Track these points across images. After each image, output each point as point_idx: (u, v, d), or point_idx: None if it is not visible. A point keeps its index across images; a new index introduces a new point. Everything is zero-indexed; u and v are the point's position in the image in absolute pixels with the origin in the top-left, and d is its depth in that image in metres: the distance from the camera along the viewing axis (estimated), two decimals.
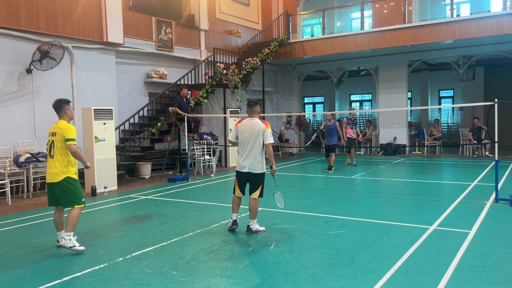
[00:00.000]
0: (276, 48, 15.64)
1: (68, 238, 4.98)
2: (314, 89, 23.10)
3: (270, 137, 5.55)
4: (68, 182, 5.06)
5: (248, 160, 5.57)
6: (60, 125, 5.13)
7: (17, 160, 8.78)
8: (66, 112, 5.23)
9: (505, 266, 4.22)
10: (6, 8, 9.07)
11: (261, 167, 5.59)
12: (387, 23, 14.72)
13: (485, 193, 7.91)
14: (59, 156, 5.06)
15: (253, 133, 5.55)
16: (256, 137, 5.53)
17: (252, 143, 5.54)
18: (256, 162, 5.54)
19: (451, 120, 20.32)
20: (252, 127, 5.57)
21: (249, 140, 5.57)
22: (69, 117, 5.28)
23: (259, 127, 5.55)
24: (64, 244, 4.98)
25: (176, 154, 12.22)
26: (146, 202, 8.09)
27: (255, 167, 5.56)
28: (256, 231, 5.64)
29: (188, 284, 3.97)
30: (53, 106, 5.24)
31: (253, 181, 5.65)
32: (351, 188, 9.26)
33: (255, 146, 5.53)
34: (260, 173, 5.59)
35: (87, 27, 10.68)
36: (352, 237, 5.35)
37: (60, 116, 5.23)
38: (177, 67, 13.72)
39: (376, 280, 3.92)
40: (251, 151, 5.55)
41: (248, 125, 5.61)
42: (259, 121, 5.63)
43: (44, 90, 9.80)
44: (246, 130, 5.60)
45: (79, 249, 4.97)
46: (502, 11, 12.82)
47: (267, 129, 5.55)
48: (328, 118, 11.75)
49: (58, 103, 5.23)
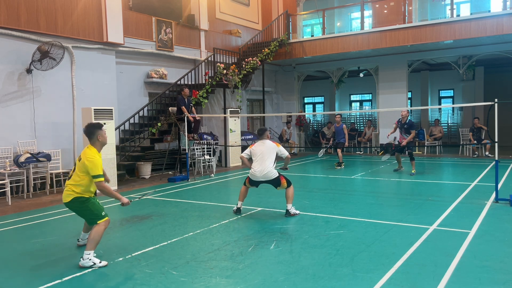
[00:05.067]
0: (276, 48, 15.64)
1: (87, 257, 4.46)
2: (314, 89, 23.09)
3: (286, 151, 6.86)
4: (78, 202, 4.63)
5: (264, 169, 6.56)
6: (87, 154, 4.58)
7: (17, 160, 8.78)
8: (98, 138, 4.67)
9: (505, 266, 4.22)
10: (6, 8, 9.07)
11: (274, 173, 6.62)
12: (387, 23, 14.73)
13: (485, 193, 7.90)
14: (73, 182, 4.61)
15: (269, 149, 6.68)
16: (271, 152, 6.66)
17: (268, 157, 6.61)
18: (270, 169, 6.59)
19: (451, 120, 20.31)
20: (267, 146, 6.73)
21: (264, 155, 6.62)
22: (102, 144, 4.72)
23: (273, 145, 6.78)
24: (83, 264, 4.45)
25: (176, 154, 12.22)
26: (146, 202, 8.09)
27: (270, 175, 6.58)
28: (294, 214, 6.60)
29: (188, 284, 3.97)
30: (84, 132, 4.75)
31: (272, 182, 6.67)
32: (351, 188, 9.26)
33: (270, 158, 6.63)
34: (275, 176, 6.62)
35: (87, 27, 10.67)
36: (352, 237, 5.34)
37: (92, 143, 4.69)
38: (177, 67, 13.72)
39: (376, 280, 3.92)
40: (265, 163, 6.57)
41: (262, 145, 6.76)
42: (270, 142, 6.82)
43: (44, 90, 9.80)
44: (260, 149, 6.68)
45: (101, 265, 4.48)
46: (502, 11, 12.81)
47: (279, 147, 6.79)
48: (337, 120, 12.62)
49: (89, 128, 4.69)
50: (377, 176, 10.72)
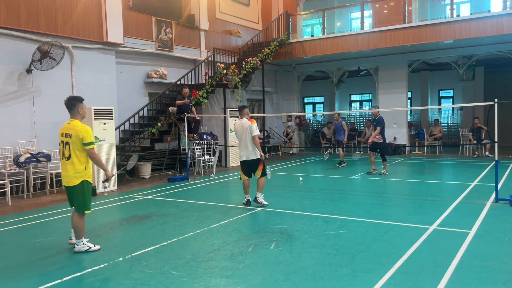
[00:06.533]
0: (276, 48, 15.64)
1: (81, 243, 4.94)
2: (314, 89, 23.10)
3: (255, 131, 7.09)
4: (85, 186, 4.92)
5: (243, 151, 7.15)
6: (75, 126, 4.88)
7: (17, 160, 8.78)
8: (79, 110, 5.01)
9: (505, 266, 4.22)
10: (6, 8, 9.07)
11: (255, 154, 7.11)
12: (387, 23, 14.73)
13: (485, 193, 7.90)
14: (77, 158, 4.84)
15: (243, 129, 7.13)
16: (245, 132, 7.09)
17: (244, 137, 7.12)
18: (249, 151, 7.09)
19: (451, 120, 20.32)
20: (242, 125, 7.18)
21: (241, 135, 7.17)
22: (82, 116, 5.06)
23: (247, 124, 7.13)
24: (79, 249, 4.92)
25: (176, 154, 12.22)
26: (146, 202, 8.09)
27: (249, 155, 7.11)
28: (260, 203, 7.18)
29: (188, 284, 3.97)
30: (65, 104, 5.02)
31: (252, 166, 7.19)
32: (351, 188, 9.25)
33: (246, 139, 7.10)
34: (255, 159, 7.13)
35: (87, 27, 10.67)
36: (352, 237, 5.34)
37: (72, 115, 5.00)
38: (177, 67, 13.72)
39: (376, 280, 3.92)
40: (243, 143, 7.14)
41: (239, 124, 7.26)
42: (247, 120, 7.20)
43: (44, 90, 9.80)
44: (239, 129, 7.22)
45: (95, 248, 4.95)
46: (502, 11, 12.82)
47: (252, 124, 7.10)
48: (335, 118, 12.72)
49: (70, 100, 4.99)
50: (377, 176, 10.72)
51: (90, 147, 4.84)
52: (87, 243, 4.98)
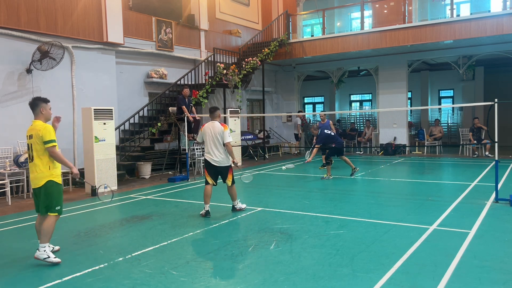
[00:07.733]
0: (276, 48, 15.63)
1: (42, 249, 4.59)
2: (314, 89, 23.10)
3: (228, 137, 6.61)
4: (49, 187, 4.72)
5: (214, 156, 6.62)
6: (35, 126, 4.73)
7: (17, 160, 8.78)
8: (41, 111, 4.81)
9: (505, 266, 4.22)
10: (6, 8, 9.07)
11: (226, 161, 6.67)
12: (387, 23, 14.72)
13: (485, 193, 7.90)
14: (39, 159, 4.70)
15: (214, 133, 6.62)
16: (216, 137, 6.60)
17: (214, 142, 6.62)
18: (221, 157, 6.62)
19: (451, 120, 20.32)
20: (213, 129, 6.65)
21: (210, 139, 6.65)
22: (45, 117, 4.84)
23: (219, 128, 6.62)
24: (38, 256, 4.58)
25: (176, 154, 12.22)
26: (146, 202, 8.09)
27: (220, 162, 6.64)
28: (240, 209, 6.91)
29: (188, 284, 3.97)
30: (29, 104, 4.87)
31: (222, 173, 6.74)
32: (351, 188, 9.25)
33: (217, 144, 6.61)
34: (227, 165, 6.70)
35: (87, 27, 10.67)
36: (352, 237, 5.34)
37: (35, 115, 4.82)
38: (177, 67, 13.72)
39: (376, 280, 3.92)
40: (212, 147, 6.62)
41: (210, 127, 6.71)
42: (218, 124, 6.69)
43: (44, 90, 9.78)
44: (208, 131, 6.68)
45: (54, 261, 4.56)
46: (502, 11, 12.81)
47: (225, 130, 6.61)
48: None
49: (34, 100, 4.83)
50: (377, 176, 10.72)
51: (49, 145, 4.65)
52: (49, 252, 4.64)
